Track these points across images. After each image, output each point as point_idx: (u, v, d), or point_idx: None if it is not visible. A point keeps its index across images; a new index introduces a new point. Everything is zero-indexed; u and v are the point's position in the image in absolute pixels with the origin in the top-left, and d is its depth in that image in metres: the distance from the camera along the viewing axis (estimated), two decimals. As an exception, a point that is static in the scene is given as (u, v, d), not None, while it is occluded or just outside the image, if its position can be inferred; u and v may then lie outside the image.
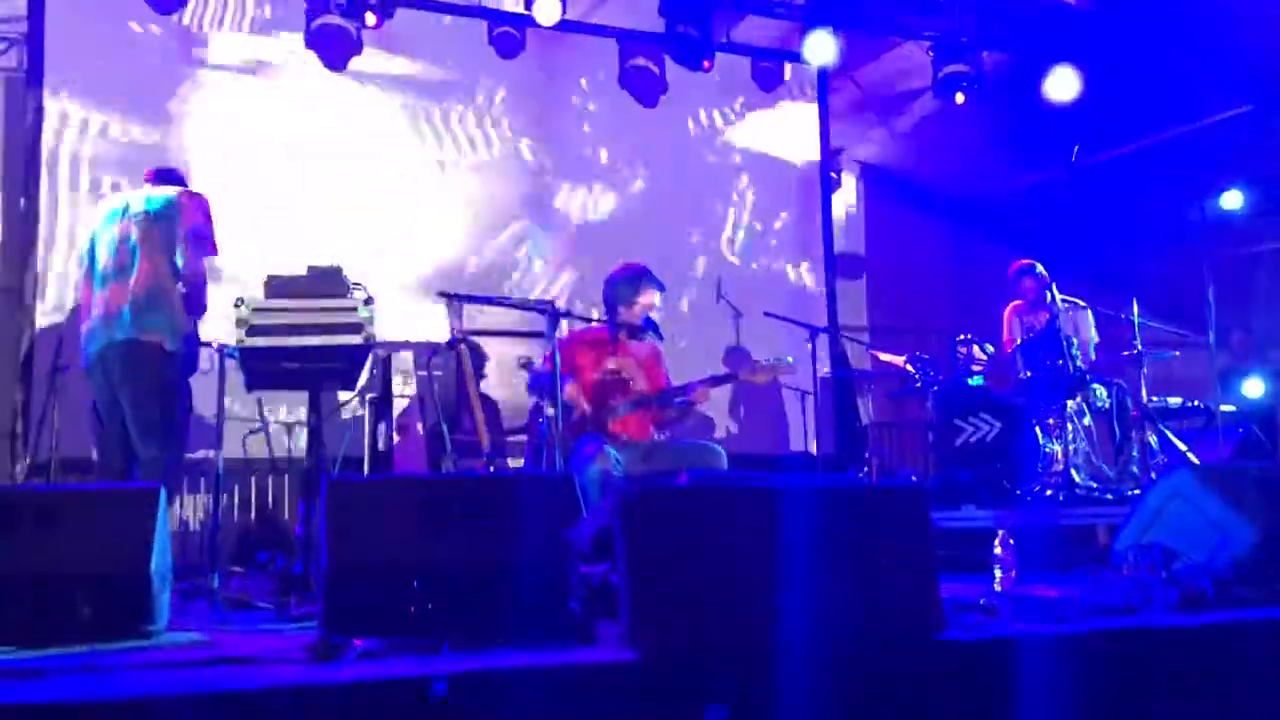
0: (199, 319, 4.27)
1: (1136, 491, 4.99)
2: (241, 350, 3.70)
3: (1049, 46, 7.37)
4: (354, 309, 3.74)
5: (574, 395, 4.30)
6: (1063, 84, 7.30)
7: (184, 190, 4.28)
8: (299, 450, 5.76)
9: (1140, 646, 2.62)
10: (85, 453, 4.66)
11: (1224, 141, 7.67)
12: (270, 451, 6.16)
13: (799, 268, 7.84)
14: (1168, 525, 3.29)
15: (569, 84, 7.25)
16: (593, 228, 7.17)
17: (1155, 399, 5.56)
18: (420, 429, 5.65)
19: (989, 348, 5.89)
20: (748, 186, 7.70)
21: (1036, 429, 5.28)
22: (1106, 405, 5.44)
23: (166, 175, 4.41)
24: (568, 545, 2.58)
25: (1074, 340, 5.42)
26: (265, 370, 3.99)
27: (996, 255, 9.24)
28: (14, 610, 2.68)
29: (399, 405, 5.93)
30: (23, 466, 5.52)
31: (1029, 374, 5.39)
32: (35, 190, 5.97)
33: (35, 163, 5.99)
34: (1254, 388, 6.45)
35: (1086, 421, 5.33)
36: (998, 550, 3.41)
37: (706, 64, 7.01)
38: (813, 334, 5.33)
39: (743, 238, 7.65)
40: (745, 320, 7.39)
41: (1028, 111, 7.69)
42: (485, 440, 4.59)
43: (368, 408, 5.44)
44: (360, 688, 2.08)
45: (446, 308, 5.02)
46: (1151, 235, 7.87)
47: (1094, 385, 5.44)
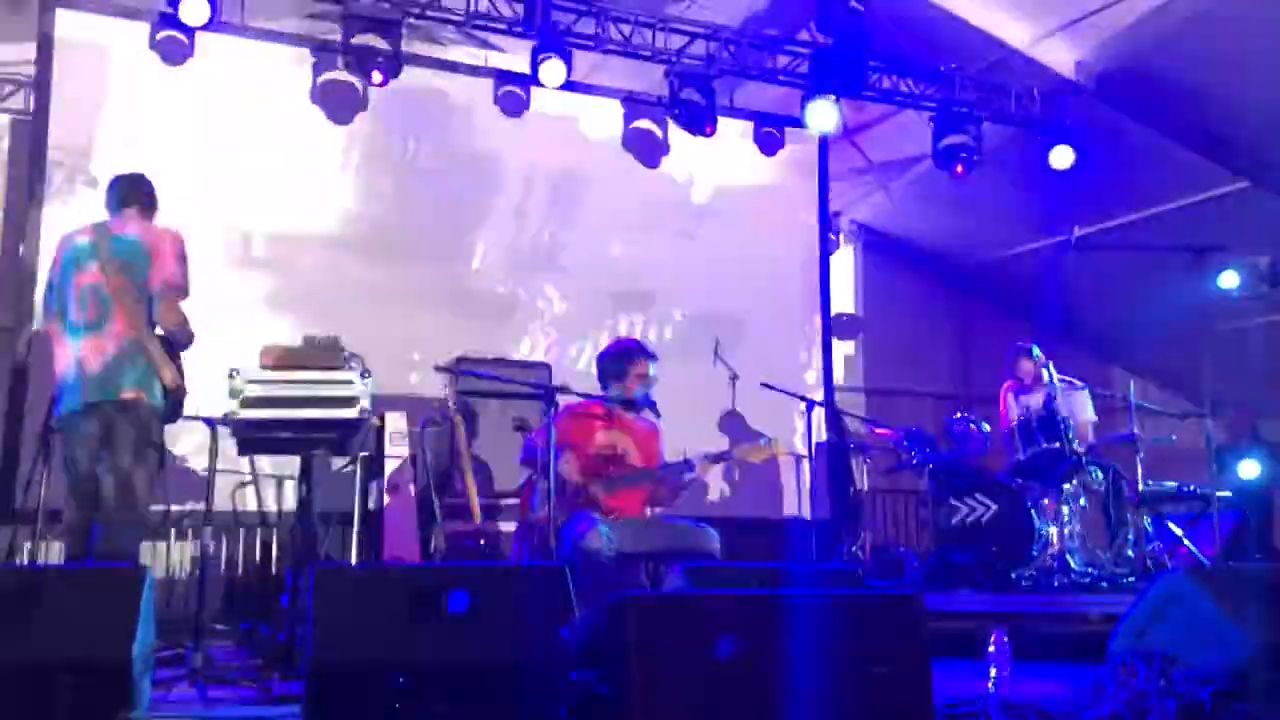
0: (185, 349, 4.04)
1: (1131, 579, 4.96)
2: (234, 421, 3.66)
3: (1049, 119, 7.44)
4: (349, 382, 3.72)
5: (568, 470, 4.26)
6: (1061, 157, 7.35)
7: (151, 229, 3.97)
8: (288, 503, 5.71)
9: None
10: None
11: (1219, 217, 7.73)
12: (260, 504, 6.10)
13: (796, 328, 7.84)
14: (1165, 629, 3.24)
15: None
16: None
17: (1151, 483, 5.54)
18: (412, 490, 5.59)
19: (985, 426, 5.88)
20: (745, 246, 7.73)
21: (1032, 511, 5.26)
22: (1102, 489, 5.42)
23: (133, 197, 4.05)
24: (559, 647, 2.54)
25: (1071, 422, 5.41)
26: (258, 438, 3.96)
27: (993, 319, 9.29)
28: (-10, 697, 2.62)
29: (391, 464, 5.88)
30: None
31: (1025, 455, 5.37)
32: (37, 233, 5.95)
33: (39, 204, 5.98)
34: (1249, 469, 6.43)
35: (1082, 503, 5.31)
36: (992, 649, 3.35)
37: (709, 129, 7.05)
38: (809, 406, 5.32)
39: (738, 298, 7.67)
40: (741, 383, 7.37)
41: (1028, 179, 7.75)
42: (477, 514, 4.54)
43: (359, 465, 5.39)
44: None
45: (446, 378, 4.98)
46: (1147, 307, 7.90)
47: (1090, 468, 5.42)
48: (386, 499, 5.60)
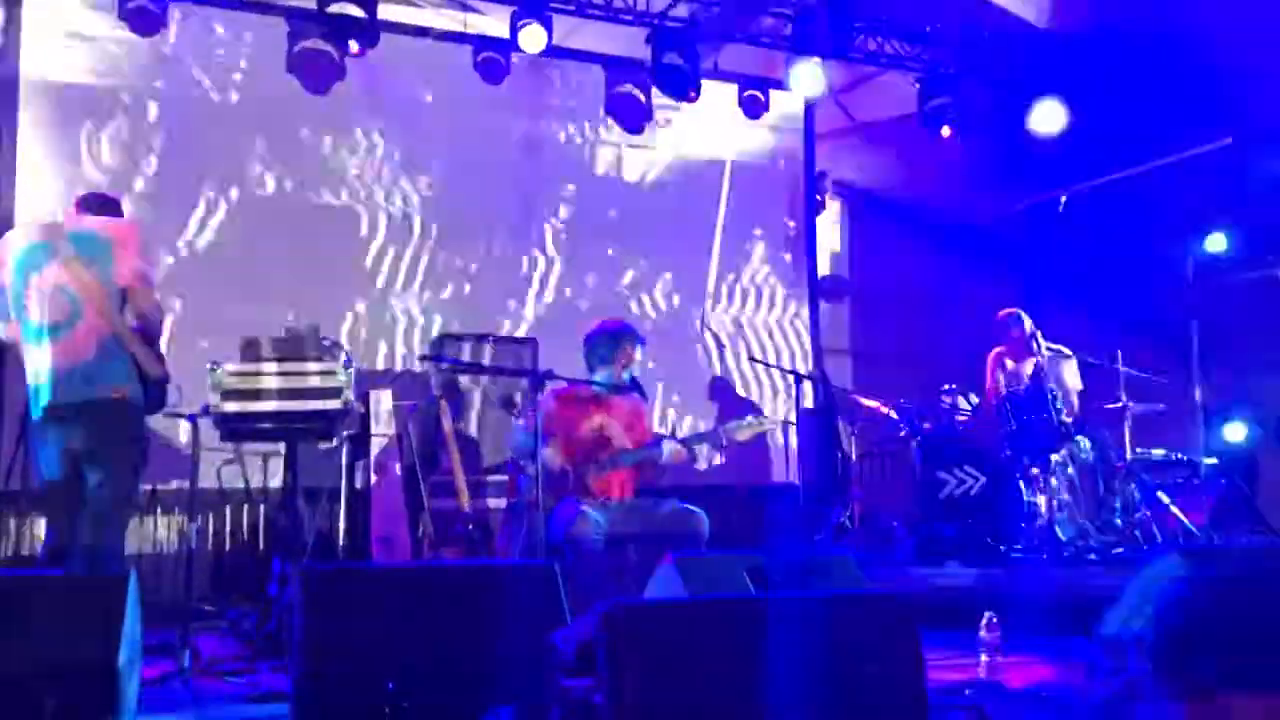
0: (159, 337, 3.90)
1: (1120, 549, 4.98)
2: (216, 414, 3.61)
3: (1034, 78, 7.35)
4: (333, 373, 3.67)
5: (555, 455, 4.23)
6: (1048, 116, 7.27)
7: (111, 223, 3.81)
8: (275, 479, 5.66)
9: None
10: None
11: (1206, 174, 7.68)
12: (246, 481, 6.05)
13: (782, 291, 7.80)
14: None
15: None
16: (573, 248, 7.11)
17: (1139, 450, 5.54)
18: (398, 469, 5.55)
19: (974, 398, 5.86)
20: (731, 209, 7.66)
21: (1020, 482, 5.26)
22: (1090, 458, 5.42)
23: (97, 203, 3.94)
24: (550, 652, 2.52)
25: (1058, 392, 5.40)
26: (241, 428, 3.91)
27: (981, 280, 9.24)
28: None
29: (378, 443, 5.83)
30: None
31: (1014, 427, 5.36)
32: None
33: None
34: (1235, 432, 6.45)
35: (1070, 473, 5.31)
36: (984, 634, 3.37)
37: (693, 94, 6.94)
38: (797, 380, 5.29)
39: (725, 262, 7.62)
40: (728, 350, 7.35)
41: (1014, 139, 7.67)
42: (465, 498, 4.51)
43: (345, 445, 5.35)
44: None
45: (430, 366, 4.92)
46: (1136, 267, 7.87)
47: (1078, 438, 5.42)
48: (374, 478, 5.57)
